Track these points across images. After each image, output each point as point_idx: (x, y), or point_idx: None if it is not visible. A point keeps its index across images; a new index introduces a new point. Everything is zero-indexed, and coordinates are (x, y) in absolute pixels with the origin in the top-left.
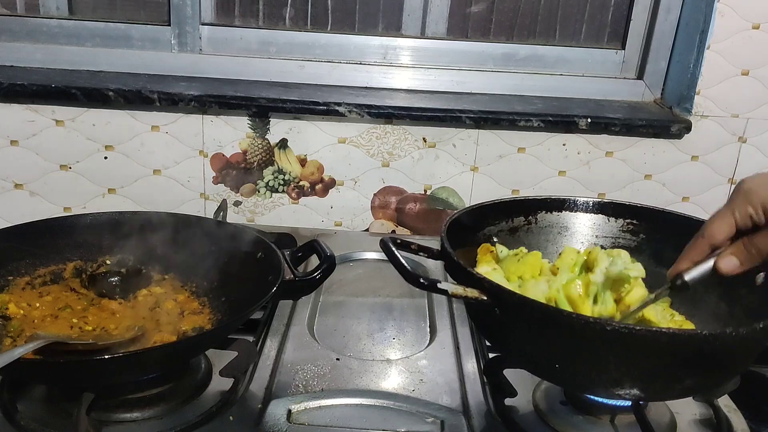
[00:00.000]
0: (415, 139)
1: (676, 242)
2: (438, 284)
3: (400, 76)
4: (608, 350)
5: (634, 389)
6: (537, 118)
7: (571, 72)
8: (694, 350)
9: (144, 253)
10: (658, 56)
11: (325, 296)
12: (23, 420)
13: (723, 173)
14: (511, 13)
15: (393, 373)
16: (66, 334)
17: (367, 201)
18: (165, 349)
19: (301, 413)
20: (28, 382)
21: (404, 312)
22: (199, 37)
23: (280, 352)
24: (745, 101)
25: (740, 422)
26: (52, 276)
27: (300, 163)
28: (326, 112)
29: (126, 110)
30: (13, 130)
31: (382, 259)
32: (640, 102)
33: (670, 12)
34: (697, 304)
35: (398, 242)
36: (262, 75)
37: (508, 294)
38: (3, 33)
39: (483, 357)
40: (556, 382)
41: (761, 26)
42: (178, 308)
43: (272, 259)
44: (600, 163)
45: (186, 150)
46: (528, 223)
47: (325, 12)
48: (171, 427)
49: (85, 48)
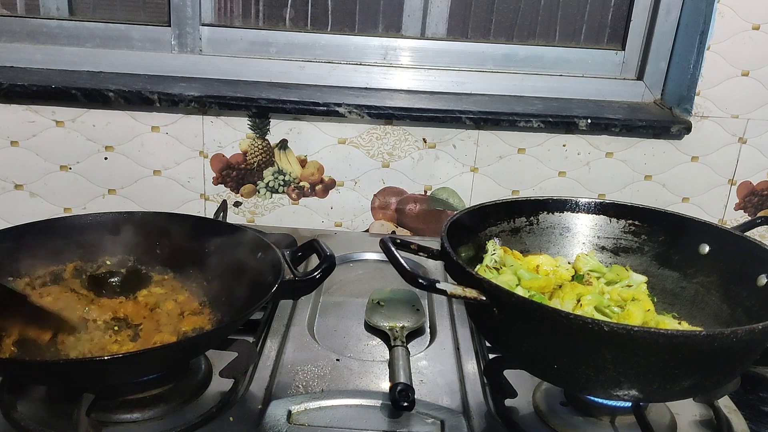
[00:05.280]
0: (415, 140)
1: (677, 243)
2: (437, 284)
3: (400, 77)
4: (606, 351)
5: (633, 390)
6: (537, 118)
7: (571, 73)
8: (693, 351)
9: (144, 254)
10: (658, 57)
11: (325, 297)
12: (23, 420)
13: (723, 174)
14: (511, 13)
15: None
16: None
17: (367, 202)
18: (165, 350)
19: (301, 414)
20: (28, 382)
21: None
22: (199, 37)
23: (280, 353)
24: (745, 102)
25: (740, 423)
26: (52, 277)
27: (300, 164)
28: (326, 112)
29: (126, 111)
30: (14, 131)
31: (382, 259)
32: (640, 103)
33: (670, 13)
34: (699, 306)
35: (398, 242)
36: (262, 76)
37: (507, 294)
38: (3, 33)
39: (483, 358)
40: (555, 383)
41: (761, 27)
42: (178, 309)
43: (272, 259)
44: (600, 164)
45: (186, 151)
46: (530, 223)
47: (325, 12)
48: (171, 428)
49: (85, 48)
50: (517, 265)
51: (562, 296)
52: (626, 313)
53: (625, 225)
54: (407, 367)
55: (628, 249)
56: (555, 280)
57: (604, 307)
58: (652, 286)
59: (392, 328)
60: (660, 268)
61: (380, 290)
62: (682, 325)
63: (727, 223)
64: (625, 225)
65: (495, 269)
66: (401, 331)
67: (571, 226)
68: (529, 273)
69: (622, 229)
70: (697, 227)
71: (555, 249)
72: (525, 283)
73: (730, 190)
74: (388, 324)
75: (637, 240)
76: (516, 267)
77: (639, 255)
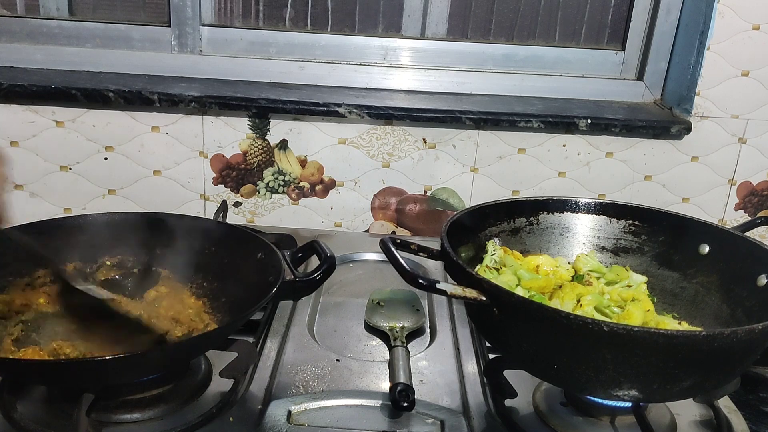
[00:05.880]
0: (415, 140)
1: (677, 243)
2: (437, 284)
3: (400, 77)
4: (606, 351)
5: (633, 390)
6: (537, 119)
7: (571, 73)
8: (693, 351)
9: (144, 254)
10: (658, 57)
11: (325, 297)
12: (23, 421)
13: (723, 174)
14: (511, 14)
15: None
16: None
17: (367, 202)
18: (165, 350)
19: (301, 414)
20: (29, 382)
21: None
22: (199, 38)
23: (280, 353)
24: (744, 102)
25: (740, 423)
26: (52, 277)
27: (300, 164)
28: (326, 113)
29: (126, 111)
30: (14, 131)
31: (382, 260)
32: (640, 103)
33: (670, 13)
34: (699, 306)
35: (398, 242)
36: (262, 76)
37: (507, 294)
38: (3, 34)
39: (483, 358)
40: (555, 383)
41: (761, 27)
42: (178, 309)
43: (273, 260)
44: (600, 164)
45: (186, 151)
46: (530, 224)
47: (325, 13)
48: (171, 428)
49: (85, 49)
50: (517, 266)
51: (562, 296)
52: (626, 314)
53: (625, 225)
54: (407, 367)
55: (628, 249)
56: (555, 280)
57: (604, 307)
58: (652, 287)
59: (392, 329)
60: (660, 268)
61: (380, 290)
62: (682, 325)
63: (727, 223)
64: (625, 225)
65: (495, 269)
66: (401, 332)
67: (571, 227)
68: (529, 273)
69: (622, 230)
70: (697, 227)
71: (555, 249)
72: (525, 283)
73: (730, 191)
74: (388, 324)
75: (637, 240)
76: (516, 267)
77: (639, 255)
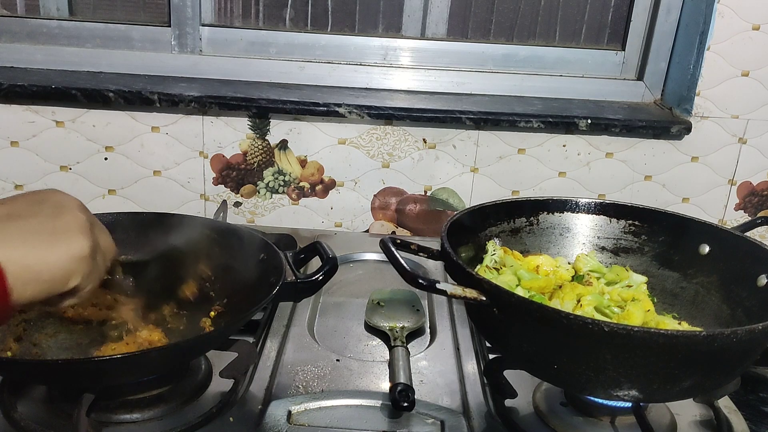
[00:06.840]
0: (415, 140)
1: (677, 243)
2: (437, 284)
3: (400, 77)
4: (606, 351)
5: (632, 390)
6: (537, 119)
7: (571, 73)
8: (693, 351)
9: (144, 255)
10: (658, 57)
11: (325, 297)
12: (23, 420)
13: (723, 174)
14: (511, 14)
15: None
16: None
17: (367, 202)
18: (165, 351)
19: (301, 414)
20: (29, 382)
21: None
22: (199, 38)
23: (280, 353)
24: (745, 102)
25: (740, 423)
26: None
27: (300, 164)
28: (326, 113)
29: (126, 111)
30: (13, 131)
31: (382, 260)
32: (640, 103)
33: (670, 13)
34: (699, 306)
35: (398, 242)
36: (262, 76)
37: (507, 295)
38: (3, 34)
39: (483, 358)
40: (555, 383)
41: (761, 27)
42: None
43: (274, 261)
44: (600, 164)
45: (186, 151)
46: (530, 224)
47: (325, 13)
48: (171, 428)
49: (85, 49)
50: (517, 266)
51: (562, 296)
52: (626, 314)
53: (625, 225)
54: (407, 367)
55: (628, 249)
56: (555, 280)
57: (604, 307)
58: (652, 287)
59: (392, 329)
60: (660, 268)
61: (380, 290)
62: (682, 325)
63: (727, 223)
64: (625, 225)
65: (495, 269)
66: (401, 332)
67: (571, 227)
68: (529, 273)
69: (622, 230)
70: (697, 227)
71: (555, 249)
72: (525, 283)
73: (730, 191)
74: (388, 324)
75: (637, 240)
76: (516, 267)
77: (639, 255)
